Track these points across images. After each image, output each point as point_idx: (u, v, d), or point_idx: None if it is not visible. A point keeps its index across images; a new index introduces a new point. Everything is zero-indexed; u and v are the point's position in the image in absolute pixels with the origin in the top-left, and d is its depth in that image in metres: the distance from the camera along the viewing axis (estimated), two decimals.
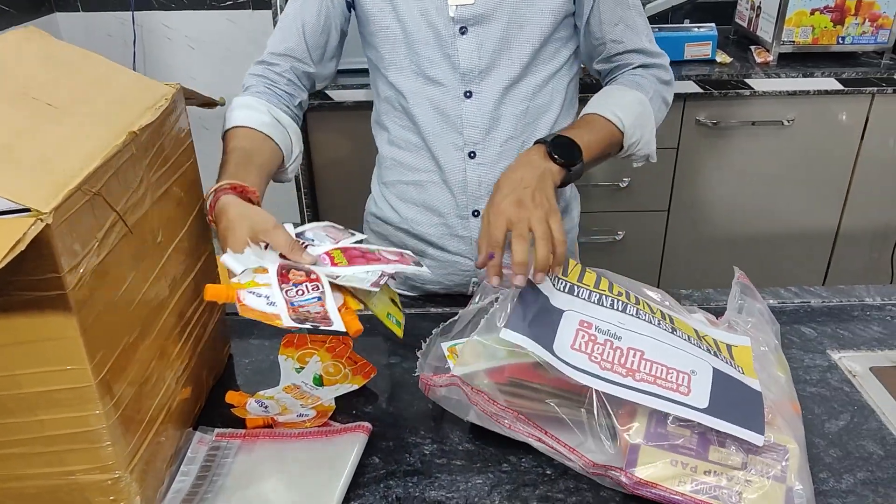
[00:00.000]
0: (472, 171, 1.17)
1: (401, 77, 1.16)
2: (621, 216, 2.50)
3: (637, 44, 1.17)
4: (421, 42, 1.11)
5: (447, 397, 0.89)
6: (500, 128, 1.15)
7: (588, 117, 1.11)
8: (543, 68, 1.15)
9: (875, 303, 1.17)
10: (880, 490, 0.83)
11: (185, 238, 0.88)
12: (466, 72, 1.12)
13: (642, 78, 1.17)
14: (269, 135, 1.10)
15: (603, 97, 1.13)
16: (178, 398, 0.86)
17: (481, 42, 1.10)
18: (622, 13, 1.14)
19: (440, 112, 1.15)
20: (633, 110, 1.11)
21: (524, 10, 1.09)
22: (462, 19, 1.09)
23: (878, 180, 2.45)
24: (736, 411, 0.81)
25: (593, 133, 1.07)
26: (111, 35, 3.02)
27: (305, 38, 1.16)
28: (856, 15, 2.30)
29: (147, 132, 0.77)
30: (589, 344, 0.85)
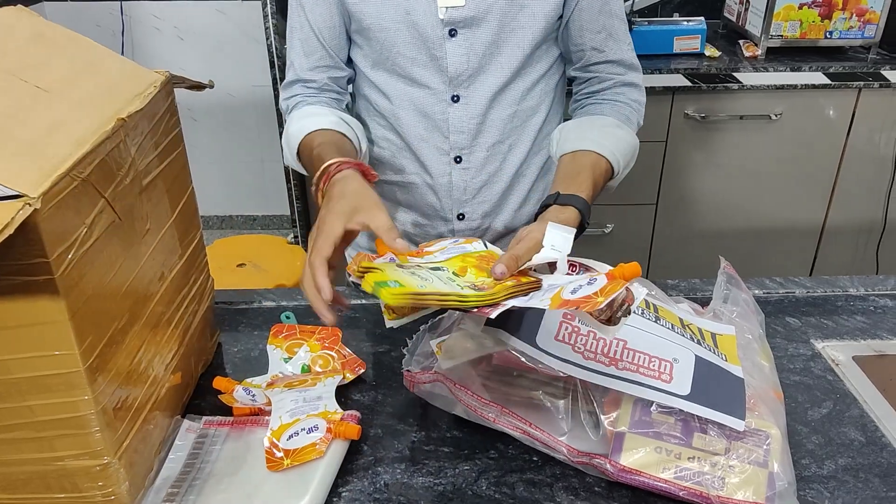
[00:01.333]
0: (457, 175, 1.16)
1: (384, 78, 1.13)
2: (610, 209, 2.51)
3: (618, 54, 1.13)
4: (407, 44, 1.08)
5: (433, 393, 0.90)
6: (487, 133, 1.13)
7: (602, 164, 1.06)
8: (532, 71, 1.12)
9: (858, 293, 1.18)
10: (861, 475, 0.84)
11: (173, 226, 0.88)
12: (455, 76, 1.09)
13: (631, 110, 1.14)
14: (343, 132, 1.08)
15: (612, 137, 1.08)
16: (166, 385, 0.86)
17: (471, 45, 1.07)
18: (605, 21, 1.10)
19: (425, 116, 1.13)
20: (627, 155, 1.10)
21: (516, 14, 1.07)
22: (452, 21, 1.06)
23: (864, 174, 2.47)
24: (717, 398, 0.82)
25: (599, 185, 1.06)
26: (99, 25, 3.00)
27: (326, 43, 1.12)
28: (843, 10, 2.32)
29: (136, 119, 0.77)
30: (573, 335, 0.86)
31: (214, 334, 1.06)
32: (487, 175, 1.17)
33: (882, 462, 0.86)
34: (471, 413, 0.88)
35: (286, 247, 2.39)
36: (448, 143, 1.14)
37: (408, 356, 0.94)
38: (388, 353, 1.06)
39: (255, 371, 1.00)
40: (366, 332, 1.10)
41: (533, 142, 1.17)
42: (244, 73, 2.99)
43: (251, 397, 0.93)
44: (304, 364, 1.00)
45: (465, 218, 1.19)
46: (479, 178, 1.16)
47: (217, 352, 1.06)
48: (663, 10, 2.68)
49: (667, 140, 2.40)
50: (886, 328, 1.10)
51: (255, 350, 1.06)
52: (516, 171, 1.18)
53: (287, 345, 1.04)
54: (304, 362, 1.01)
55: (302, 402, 0.89)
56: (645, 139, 2.13)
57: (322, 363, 1.01)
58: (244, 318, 1.14)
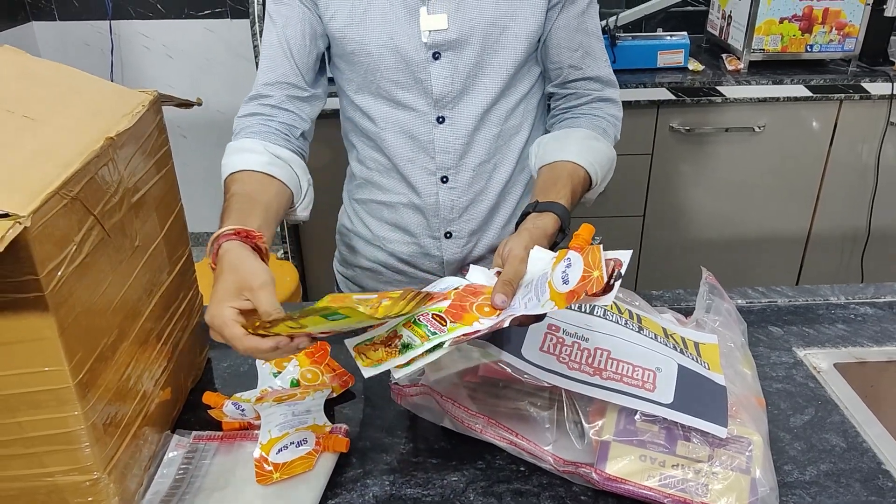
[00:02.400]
0: (444, 195, 1.17)
1: (368, 101, 1.13)
2: (598, 221, 2.50)
3: (595, 71, 1.14)
4: (391, 68, 1.08)
5: (420, 405, 0.91)
6: (473, 153, 1.14)
7: (579, 173, 1.07)
8: (515, 91, 1.13)
9: (839, 302, 1.20)
10: (842, 480, 0.86)
11: (162, 242, 0.89)
12: (440, 98, 1.10)
13: (608, 123, 1.15)
14: (271, 174, 1.03)
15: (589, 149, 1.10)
16: (155, 401, 0.87)
17: (455, 67, 1.08)
18: (582, 39, 1.12)
19: (411, 137, 1.13)
20: (605, 167, 1.11)
21: (498, 36, 1.08)
22: (435, 45, 1.06)
23: (847, 184, 2.50)
24: (700, 405, 0.83)
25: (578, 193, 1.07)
26: (88, 44, 3.02)
27: (295, 60, 1.10)
28: (823, 24, 2.36)
29: (124, 138, 0.79)
30: (557, 346, 0.87)
31: (204, 350, 1.07)
32: (474, 194, 1.18)
33: (863, 467, 0.87)
34: (458, 425, 0.89)
35: (275, 262, 2.40)
36: (434, 164, 1.15)
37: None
38: None
39: (245, 386, 1.01)
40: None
41: (517, 160, 1.19)
42: (233, 90, 3.01)
43: (241, 412, 0.94)
44: (293, 378, 1.01)
45: (452, 236, 1.21)
46: (465, 197, 1.18)
47: (207, 367, 1.07)
48: (647, 25, 2.72)
49: (652, 153, 2.43)
50: (867, 335, 1.11)
51: (245, 365, 1.07)
52: (502, 189, 1.19)
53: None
54: (293, 376, 1.01)
55: (291, 416, 0.89)
56: (631, 152, 2.14)
57: (311, 377, 1.02)
58: None
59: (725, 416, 0.82)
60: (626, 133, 2.40)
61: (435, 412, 0.91)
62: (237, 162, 1.04)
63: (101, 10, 2.94)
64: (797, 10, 2.34)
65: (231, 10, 2.97)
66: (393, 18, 1.06)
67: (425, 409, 0.91)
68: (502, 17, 1.07)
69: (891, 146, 2.43)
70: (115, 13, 2.96)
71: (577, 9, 1.10)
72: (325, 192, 1.39)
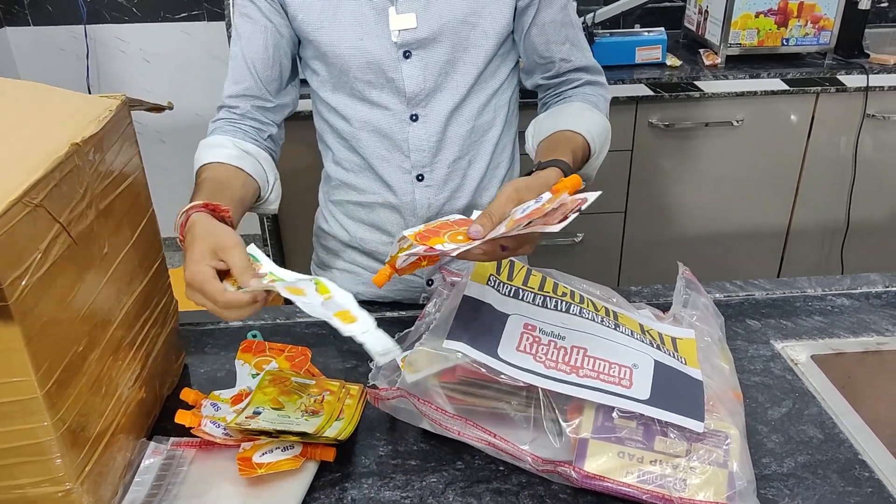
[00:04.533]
0: (420, 193, 1.17)
1: (342, 101, 1.14)
2: (579, 218, 2.51)
3: (583, 61, 1.17)
4: (362, 68, 1.09)
5: (398, 407, 0.91)
6: (447, 149, 1.15)
7: (578, 139, 1.07)
8: (487, 86, 1.14)
9: (816, 294, 1.21)
10: (819, 472, 0.86)
11: (133, 249, 0.88)
12: (412, 96, 1.10)
13: (597, 99, 1.16)
14: (238, 165, 1.07)
15: (582, 117, 1.11)
16: (130, 409, 0.86)
17: (426, 66, 1.09)
18: (567, 32, 1.14)
19: (385, 136, 1.14)
20: (601, 135, 1.12)
21: (468, 33, 1.08)
22: (405, 44, 1.07)
23: (825, 176, 2.52)
24: (676, 400, 0.83)
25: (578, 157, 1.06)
26: (63, 49, 2.99)
27: (258, 74, 1.13)
28: (798, 17, 2.37)
29: (91, 144, 0.77)
30: (534, 345, 0.87)
31: (180, 356, 1.06)
32: (450, 191, 1.18)
33: (840, 458, 0.88)
34: (436, 427, 0.88)
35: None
36: (409, 162, 1.15)
37: (374, 371, 0.95)
38: (355, 369, 1.06)
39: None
40: (334, 349, 1.11)
41: (491, 156, 1.19)
42: (211, 93, 2.99)
43: (215, 409, 0.93)
44: None
45: None
46: (441, 194, 1.17)
47: (183, 373, 1.06)
48: (625, 21, 2.73)
49: (632, 149, 2.44)
50: (843, 327, 1.12)
51: (222, 371, 1.06)
52: (477, 186, 1.19)
53: (255, 361, 1.04)
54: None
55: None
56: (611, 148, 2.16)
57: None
58: (210, 338, 1.14)
59: (702, 411, 0.83)
60: None
61: (413, 414, 0.90)
62: (207, 155, 1.09)
63: (75, 14, 2.91)
64: (773, 4, 2.36)
65: (207, 12, 2.95)
66: (362, 19, 1.07)
67: (403, 412, 0.91)
68: (471, 15, 1.07)
69: (868, 138, 2.45)
70: (90, 17, 2.93)
71: (559, 2, 1.12)
72: (307, 194, 1.39)
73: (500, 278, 0.97)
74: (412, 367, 0.88)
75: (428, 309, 1.01)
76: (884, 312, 1.16)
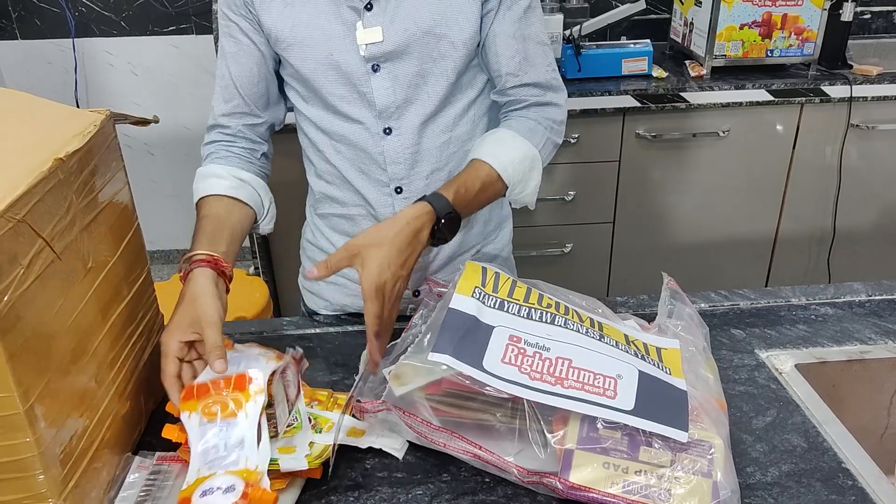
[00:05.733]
0: (399, 205, 1.16)
1: (320, 115, 1.15)
2: (568, 229, 2.55)
3: (534, 77, 1.13)
4: (334, 82, 1.10)
5: (384, 420, 0.91)
6: (424, 161, 1.15)
7: (482, 170, 1.09)
8: (462, 97, 1.14)
9: (801, 303, 1.22)
10: (803, 480, 0.86)
11: (117, 263, 0.88)
12: (383, 109, 1.10)
13: (536, 123, 1.14)
14: (237, 196, 1.10)
15: (497, 145, 1.11)
16: (115, 424, 0.85)
17: (395, 78, 1.09)
18: (518, 45, 1.11)
19: (361, 150, 1.14)
20: (519, 164, 1.10)
21: (436, 45, 1.08)
22: (373, 57, 1.07)
23: (811, 186, 2.54)
24: (661, 410, 0.84)
25: (482, 193, 1.08)
26: (51, 62, 2.98)
27: (243, 93, 1.14)
28: (782, 29, 2.40)
29: (75, 158, 0.78)
30: (519, 356, 0.87)
31: None
32: None
33: (823, 466, 0.89)
34: (422, 439, 0.89)
35: (245, 278, 2.38)
36: (386, 175, 1.15)
37: (361, 384, 0.95)
38: (342, 381, 1.06)
39: None
40: (322, 361, 1.11)
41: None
42: (200, 106, 2.99)
43: None
44: None
45: None
46: None
47: None
48: (611, 33, 2.75)
49: (620, 159, 2.45)
50: (827, 336, 1.13)
51: None
52: None
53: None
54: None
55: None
56: (599, 159, 2.15)
57: None
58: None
59: (686, 421, 0.83)
60: (592, 140, 2.44)
61: (399, 426, 0.90)
62: (205, 187, 1.11)
63: (63, 28, 2.91)
64: (756, 16, 2.38)
65: (196, 26, 2.95)
66: (332, 34, 1.07)
67: (389, 425, 0.91)
68: (437, 26, 1.07)
69: (852, 147, 2.47)
70: (79, 31, 2.93)
71: (513, 15, 1.10)
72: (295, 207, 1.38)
73: (485, 290, 0.97)
74: (398, 381, 0.89)
75: (414, 321, 1.01)
76: (867, 321, 1.17)
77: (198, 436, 0.85)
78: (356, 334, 1.17)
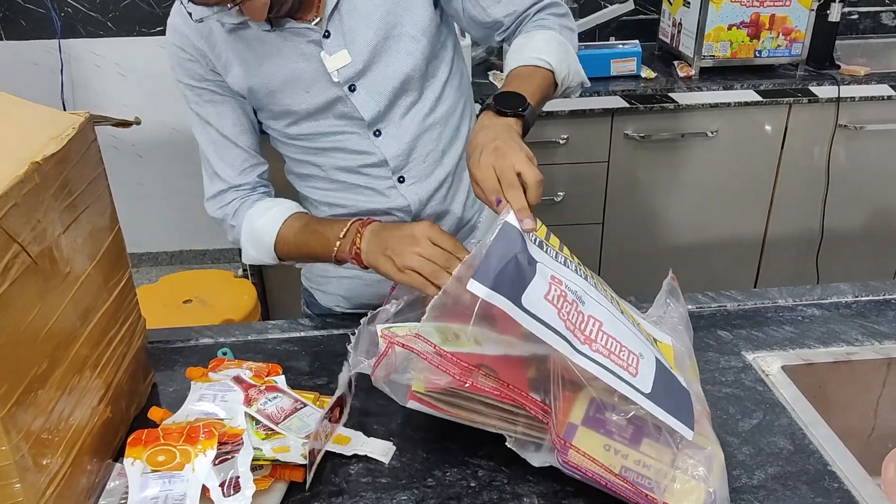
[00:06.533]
0: (407, 191, 1.17)
1: (309, 140, 1.15)
2: (557, 230, 2.49)
3: (526, 2, 1.14)
4: (315, 114, 1.11)
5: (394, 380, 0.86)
6: (418, 147, 1.15)
7: (516, 71, 1.07)
8: (436, 81, 1.15)
9: (787, 304, 1.22)
10: (789, 483, 0.86)
11: (97, 267, 0.87)
12: (373, 121, 1.12)
13: (541, 19, 1.15)
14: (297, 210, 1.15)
15: (517, 51, 1.10)
16: (94, 430, 0.84)
17: (374, 90, 1.10)
18: None
19: (354, 150, 1.14)
20: (551, 48, 1.09)
21: (398, 45, 1.09)
22: (347, 79, 1.08)
23: (799, 186, 2.55)
24: (673, 403, 0.82)
25: (527, 82, 1.05)
26: (37, 64, 2.96)
27: (244, 146, 1.16)
28: (770, 29, 2.40)
29: (52, 162, 0.76)
30: (560, 299, 0.82)
31: (148, 375, 1.04)
32: (435, 181, 1.18)
33: (809, 469, 0.88)
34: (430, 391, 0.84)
35: (233, 281, 2.37)
36: (388, 169, 1.16)
37: (353, 353, 0.92)
38: (326, 386, 1.05)
39: None
40: (306, 365, 1.10)
41: (460, 137, 1.20)
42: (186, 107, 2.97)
43: None
44: None
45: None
46: (427, 186, 1.18)
47: (152, 392, 1.05)
48: (600, 34, 2.75)
49: (609, 160, 2.45)
50: (814, 337, 1.13)
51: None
52: (456, 168, 1.20)
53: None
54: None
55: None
56: (587, 160, 2.14)
57: None
58: (180, 356, 1.12)
59: (692, 419, 0.82)
60: (582, 141, 2.43)
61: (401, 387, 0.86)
62: (277, 215, 1.13)
63: (49, 29, 2.88)
64: (745, 16, 2.38)
65: None
66: (301, 73, 1.08)
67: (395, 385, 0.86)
68: (394, 27, 1.08)
69: (840, 148, 2.48)
70: (65, 32, 2.91)
71: None
72: None
73: None
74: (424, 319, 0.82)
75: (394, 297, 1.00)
76: (854, 322, 1.16)
77: (138, 486, 0.81)
78: (341, 338, 1.17)
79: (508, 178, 0.88)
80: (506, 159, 0.89)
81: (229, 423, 0.90)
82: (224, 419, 0.91)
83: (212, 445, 0.84)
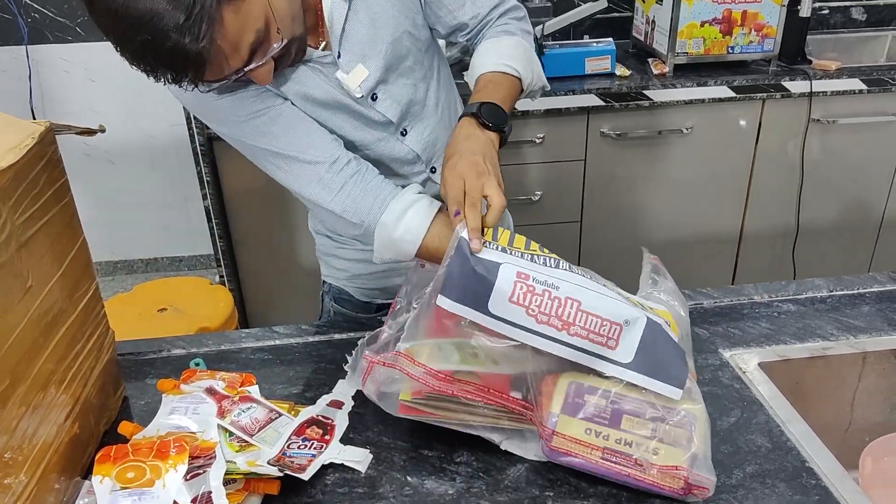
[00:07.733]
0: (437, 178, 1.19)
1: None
2: (535, 229, 2.53)
3: (489, 4, 1.15)
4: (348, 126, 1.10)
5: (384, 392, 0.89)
6: (440, 135, 1.19)
7: (487, 77, 1.10)
8: (433, 67, 1.17)
9: (763, 300, 1.22)
10: (767, 481, 0.86)
11: (61, 280, 0.85)
12: (399, 121, 1.13)
13: (504, 24, 1.17)
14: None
15: (485, 55, 1.12)
16: (61, 447, 0.82)
17: (395, 93, 1.11)
18: None
19: (391, 157, 1.15)
20: (517, 54, 1.12)
21: (405, 45, 1.10)
22: (368, 90, 1.09)
23: (775, 181, 2.56)
24: (659, 365, 0.84)
25: (499, 90, 1.07)
26: (5, 70, 2.91)
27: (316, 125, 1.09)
28: (742, 26, 2.41)
29: (10, 173, 0.74)
30: (527, 296, 0.84)
31: (118, 388, 1.02)
32: None
33: (787, 466, 0.88)
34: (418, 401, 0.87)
35: (209, 288, 2.33)
36: (422, 164, 1.18)
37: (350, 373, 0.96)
38: (302, 395, 1.04)
39: None
40: (280, 375, 1.08)
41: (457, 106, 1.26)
42: (161, 112, 2.93)
43: None
44: None
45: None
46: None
47: (123, 406, 1.02)
48: (574, 32, 2.75)
49: (585, 158, 2.45)
50: (790, 333, 1.13)
51: None
52: None
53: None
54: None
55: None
56: (564, 158, 2.13)
57: None
58: (152, 368, 1.10)
59: (684, 378, 0.84)
60: (558, 140, 2.43)
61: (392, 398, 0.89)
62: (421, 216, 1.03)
63: (16, 35, 2.83)
64: (717, 13, 2.39)
65: None
66: (324, 100, 1.07)
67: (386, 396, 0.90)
68: (395, 29, 1.08)
69: (814, 142, 2.50)
70: (32, 38, 2.85)
71: None
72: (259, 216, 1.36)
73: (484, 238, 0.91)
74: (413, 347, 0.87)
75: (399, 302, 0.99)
76: (829, 317, 1.17)
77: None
78: (316, 346, 1.15)
79: (473, 198, 0.92)
80: (479, 178, 0.93)
81: (202, 435, 0.89)
82: (196, 432, 0.90)
83: (183, 460, 0.82)
